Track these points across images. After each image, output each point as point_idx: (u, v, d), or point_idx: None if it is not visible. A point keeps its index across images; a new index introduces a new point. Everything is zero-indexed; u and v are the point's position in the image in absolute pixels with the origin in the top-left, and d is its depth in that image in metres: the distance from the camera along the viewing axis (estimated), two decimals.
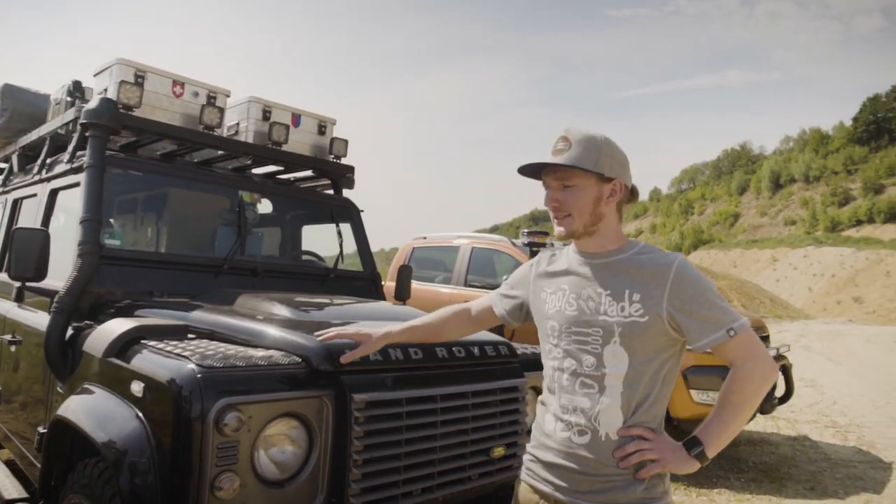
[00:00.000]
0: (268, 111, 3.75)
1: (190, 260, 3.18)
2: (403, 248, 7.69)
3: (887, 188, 72.04)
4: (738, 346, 1.46)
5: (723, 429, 1.47)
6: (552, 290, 1.63)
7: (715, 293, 1.47)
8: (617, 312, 1.48)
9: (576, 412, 1.52)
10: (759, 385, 1.46)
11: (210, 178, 3.53)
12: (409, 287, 4.20)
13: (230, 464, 1.72)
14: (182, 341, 2.10)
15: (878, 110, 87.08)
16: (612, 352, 1.49)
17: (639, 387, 1.48)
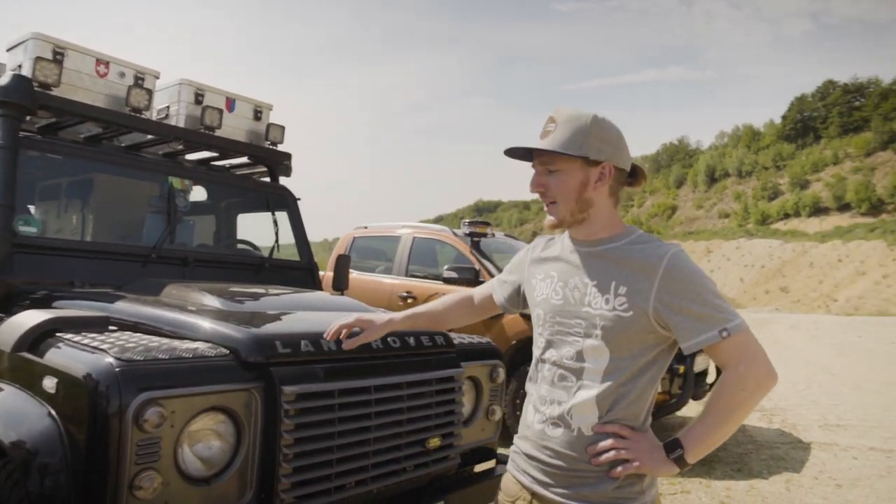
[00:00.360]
0: (200, 94, 3.62)
1: (114, 248, 3.03)
2: (344, 237, 7.58)
3: (812, 184, 75.78)
4: (731, 349, 1.33)
5: (707, 434, 1.35)
6: (542, 277, 1.56)
7: (709, 289, 1.35)
8: (601, 305, 1.40)
9: (552, 404, 1.46)
10: (752, 392, 1.33)
11: (138, 164, 3.37)
12: (346, 277, 4.14)
13: (151, 461, 1.65)
14: (102, 334, 1.99)
15: (804, 109, 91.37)
16: (592, 346, 1.41)
17: (618, 383, 1.39)
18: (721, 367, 1.37)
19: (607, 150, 1.42)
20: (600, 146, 1.42)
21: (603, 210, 1.47)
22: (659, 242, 1.43)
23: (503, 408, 3.04)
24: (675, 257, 1.37)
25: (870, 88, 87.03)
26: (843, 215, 66.24)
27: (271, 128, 3.88)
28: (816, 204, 70.75)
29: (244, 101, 3.87)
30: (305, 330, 2.16)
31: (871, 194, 65.33)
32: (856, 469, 4.94)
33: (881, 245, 49.56)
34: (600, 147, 1.42)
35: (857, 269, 48.25)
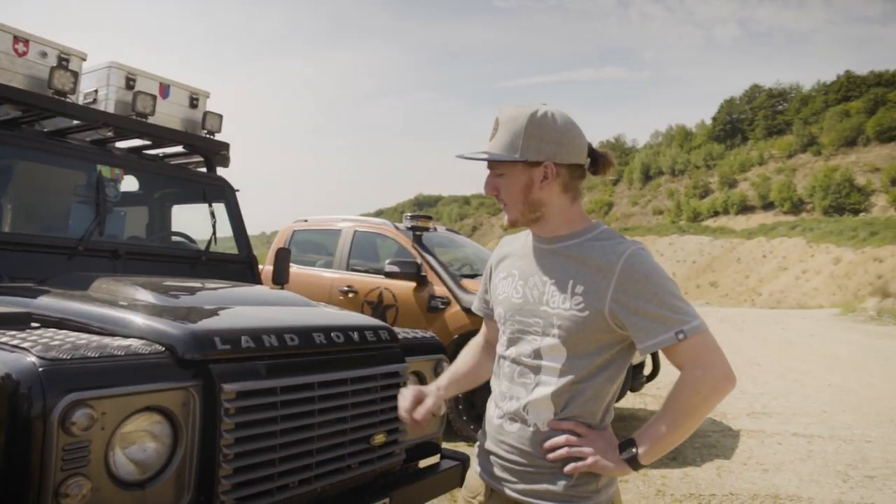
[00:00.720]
0: (132, 79, 3.45)
1: (37, 240, 2.84)
2: (283, 231, 7.41)
3: (740, 183, 79.28)
4: (687, 351, 1.30)
5: (661, 436, 1.33)
6: (504, 275, 1.54)
7: (667, 289, 1.32)
8: (558, 304, 1.38)
9: (511, 400, 1.46)
10: (706, 396, 1.30)
11: (64, 151, 3.17)
12: (287, 271, 4.04)
13: (79, 467, 1.54)
14: (23, 331, 1.86)
15: (733, 111, 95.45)
16: (549, 344, 1.40)
17: (573, 381, 1.38)
18: (678, 368, 1.35)
19: (547, 149, 1.38)
20: (539, 146, 1.38)
21: (557, 208, 1.44)
22: (620, 240, 1.41)
23: (447, 403, 3.03)
24: (633, 256, 1.34)
25: (792, 94, 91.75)
26: (768, 213, 69.61)
27: (208, 116, 3.73)
28: (743, 202, 74.07)
29: (179, 87, 3.71)
30: (246, 325, 2.08)
31: (792, 194, 68.90)
32: (780, 454, 5.19)
33: (801, 242, 52.30)
34: (539, 147, 1.38)
35: (779, 265, 50.76)
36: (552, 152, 1.38)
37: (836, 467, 4.88)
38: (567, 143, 1.40)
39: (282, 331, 2.12)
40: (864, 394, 7.70)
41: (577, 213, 1.47)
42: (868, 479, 4.63)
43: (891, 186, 62.06)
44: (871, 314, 17.83)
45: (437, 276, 5.68)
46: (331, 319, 2.46)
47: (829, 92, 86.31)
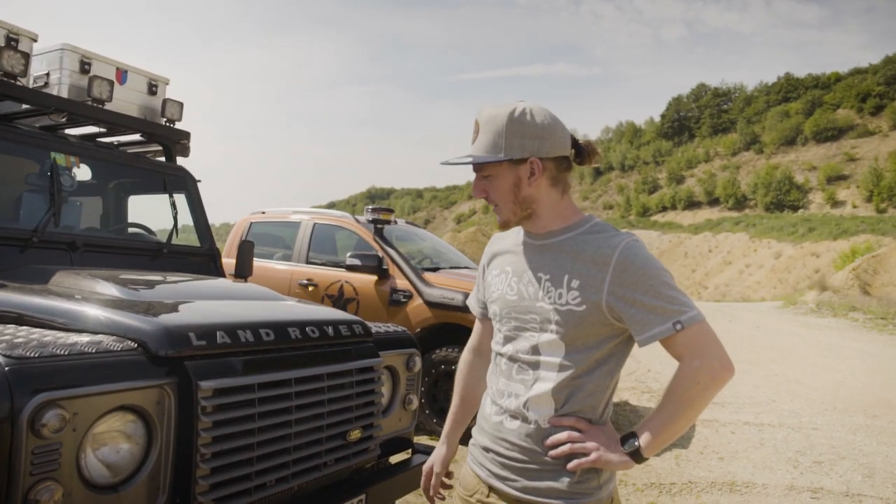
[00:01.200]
0: (87, 63, 3.28)
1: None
2: (240, 222, 7.23)
3: (687, 179, 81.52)
4: (685, 342, 1.30)
5: (662, 428, 1.33)
6: (497, 273, 1.53)
7: (663, 280, 1.31)
8: (555, 299, 1.37)
9: (510, 397, 1.44)
10: (706, 386, 1.30)
11: (13, 136, 3.00)
12: (250, 264, 3.93)
13: (50, 471, 1.46)
14: None
15: (681, 109, 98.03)
16: (547, 340, 1.38)
17: (573, 376, 1.37)
18: (676, 359, 1.34)
19: (530, 145, 1.37)
20: (522, 143, 1.37)
21: (547, 202, 1.43)
22: (614, 232, 1.40)
23: (419, 397, 3.01)
24: (628, 248, 1.34)
25: (735, 94, 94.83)
26: (713, 209, 71.86)
27: (168, 103, 3.59)
28: (690, 198, 76.27)
29: (137, 73, 3.56)
30: (220, 320, 2.01)
31: (736, 190, 71.31)
32: (734, 443, 5.36)
33: (744, 237, 54.22)
34: (522, 143, 1.37)
35: (724, 259, 52.49)
36: (535, 147, 1.38)
37: (786, 454, 5.07)
38: (549, 136, 1.39)
39: (256, 325, 2.06)
40: (808, 383, 8.03)
41: (568, 206, 1.46)
42: (816, 464, 4.83)
43: (827, 185, 64.88)
44: (812, 307, 18.61)
45: (398, 270, 5.64)
46: (305, 314, 2.41)
47: (770, 93, 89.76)
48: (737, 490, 4.25)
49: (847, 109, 75.48)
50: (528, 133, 1.37)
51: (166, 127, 3.60)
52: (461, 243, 29.19)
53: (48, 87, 3.22)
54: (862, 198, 59.22)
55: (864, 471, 4.70)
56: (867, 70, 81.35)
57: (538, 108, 1.40)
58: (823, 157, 69.98)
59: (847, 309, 16.98)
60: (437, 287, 5.34)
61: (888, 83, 73.44)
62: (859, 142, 69.74)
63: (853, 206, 59.16)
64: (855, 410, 6.63)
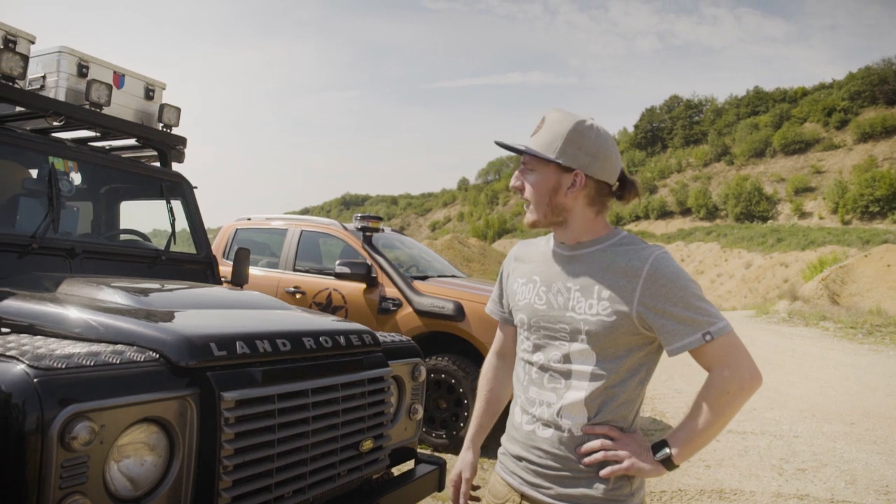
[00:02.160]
0: (84, 66, 3.24)
1: None
2: (225, 229, 7.15)
3: (660, 188, 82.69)
4: (714, 352, 1.34)
5: (693, 436, 1.36)
6: (524, 281, 1.55)
7: (693, 292, 1.35)
8: (585, 310, 1.40)
9: (542, 406, 1.46)
10: (735, 395, 1.33)
11: (10, 140, 2.93)
12: (247, 272, 3.90)
13: (78, 484, 1.44)
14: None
15: (654, 120, 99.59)
16: (578, 349, 1.41)
17: (606, 385, 1.40)
18: (705, 369, 1.38)
19: (582, 159, 1.41)
20: (576, 153, 1.40)
21: (580, 217, 1.46)
22: (643, 245, 1.43)
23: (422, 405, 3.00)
24: (658, 260, 1.37)
25: (706, 106, 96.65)
26: (685, 219, 72.95)
27: (165, 109, 3.55)
28: (663, 207, 77.33)
29: (134, 77, 3.52)
30: (238, 330, 1.99)
31: (707, 201, 72.47)
32: (720, 451, 5.43)
33: (716, 247, 55.13)
34: (576, 154, 1.40)
35: (696, 269, 53.22)
36: (586, 163, 1.41)
37: (770, 461, 5.15)
38: (602, 158, 1.42)
39: (273, 335, 2.04)
40: (785, 391, 8.18)
41: (601, 223, 1.49)
42: (800, 471, 4.92)
43: (794, 196, 66.35)
44: (783, 316, 18.98)
45: (387, 278, 5.63)
46: (317, 324, 2.39)
47: (740, 105, 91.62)
48: (726, 497, 4.31)
49: (813, 123, 77.39)
50: (585, 147, 1.41)
51: (163, 132, 3.56)
52: (437, 251, 29.21)
53: (45, 90, 3.17)
54: (828, 209, 60.67)
55: (847, 477, 4.80)
56: (832, 85, 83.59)
57: (603, 131, 1.44)
58: (791, 170, 71.58)
59: (818, 318, 17.35)
60: (427, 296, 5.33)
61: (852, 98, 75.49)
62: (825, 155, 71.54)
63: (820, 218, 60.57)
64: (833, 418, 6.78)
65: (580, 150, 1.40)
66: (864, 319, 16.18)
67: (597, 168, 1.42)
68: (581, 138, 1.41)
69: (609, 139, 1.44)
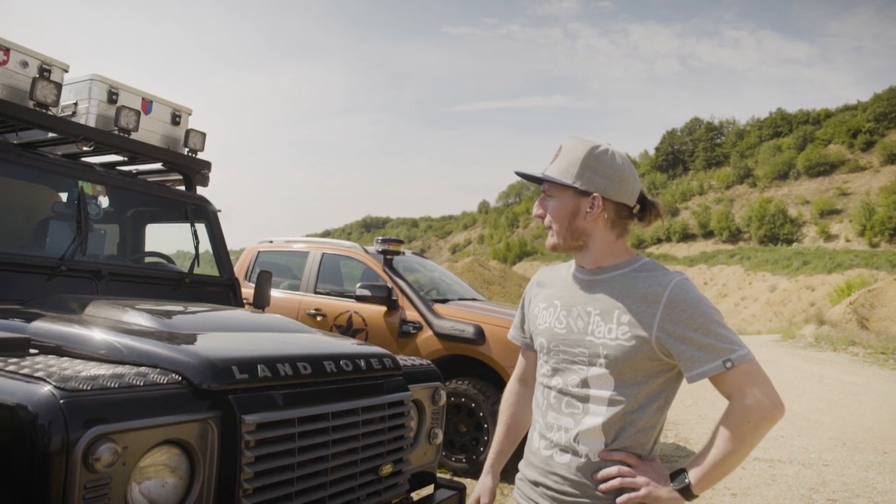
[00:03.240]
0: (114, 93, 3.32)
1: (16, 259, 2.67)
2: (248, 251, 7.23)
3: (681, 211, 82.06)
4: (735, 380, 1.32)
5: (712, 465, 1.33)
6: (545, 305, 1.55)
7: (713, 318, 1.34)
8: (604, 334, 1.40)
9: (559, 431, 1.46)
10: (756, 424, 1.31)
11: (43, 165, 3.01)
12: (268, 294, 3.93)
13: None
14: (24, 358, 1.74)
15: (675, 143, 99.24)
16: (597, 374, 1.41)
17: (624, 411, 1.39)
18: (726, 397, 1.37)
19: (599, 182, 1.42)
20: (592, 177, 1.42)
21: (601, 241, 1.47)
22: (664, 271, 1.43)
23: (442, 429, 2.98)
24: (679, 286, 1.37)
25: (728, 128, 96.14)
26: (708, 242, 72.21)
27: (191, 134, 3.63)
28: (685, 230, 76.68)
29: (162, 103, 3.60)
30: (259, 353, 2.01)
31: (730, 223, 71.75)
32: (746, 479, 5.30)
33: (739, 270, 54.38)
34: (592, 178, 1.42)
35: (719, 292, 52.53)
36: (603, 186, 1.43)
37: (799, 491, 5.02)
38: (619, 181, 1.44)
39: (294, 359, 2.05)
40: (814, 418, 7.98)
41: (622, 247, 1.50)
42: (831, 502, 4.78)
43: (820, 218, 65.42)
44: (810, 340, 18.60)
45: (408, 301, 5.62)
46: (337, 347, 2.40)
47: (762, 127, 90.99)
48: None
49: (838, 145, 76.55)
50: (601, 171, 1.43)
51: (189, 157, 3.62)
52: (458, 273, 29.19)
53: (76, 116, 3.25)
54: (855, 232, 59.70)
55: None
56: (856, 107, 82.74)
57: (619, 155, 1.46)
58: (816, 192, 70.72)
59: (846, 343, 16.97)
60: (447, 319, 5.32)
61: (877, 120, 74.61)
62: (851, 176, 70.60)
63: (846, 240, 59.59)
64: (864, 447, 6.59)
65: (596, 174, 1.42)
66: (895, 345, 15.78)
67: (614, 191, 1.43)
68: (596, 162, 1.43)
69: (626, 162, 1.46)
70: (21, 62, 2.97)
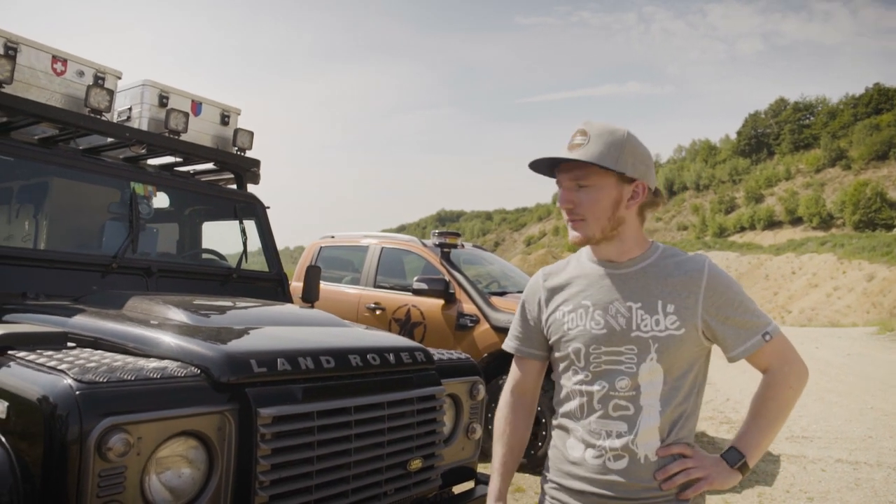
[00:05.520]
0: (165, 97, 3.45)
1: (71, 258, 2.83)
2: (310, 247, 7.41)
3: (766, 198, 78.08)
4: (774, 351, 1.39)
5: (762, 437, 1.39)
6: (571, 308, 1.46)
7: (745, 296, 1.39)
8: (652, 326, 1.36)
9: (610, 437, 1.38)
10: (796, 389, 1.40)
11: (98, 168, 3.17)
12: (317, 288, 3.99)
13: (115, 493, 1.50)
14: (59, 352, 1.83)
15: (758, 126, 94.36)
16: (648, 369, 1.36)
17: (677, 403, 1.38)
18: (763, 370, 1.42)
19: (641, 168, 1.39)
20: (635, 163, 1.38)
21: (632, 229, 1.44)
22: (688, 254, 1.45)
23: (483, 425, 2.94)
24: (713, 269, 1.40)
25: (818, 107, 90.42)
26: (796, 229, 68.37)
27: (239, 133, 3.73)
28: (770, 217, 72.92)
29: (211, 104, 3.72)
30: (281, 347, 2.03)
31: (821, 209, 67.59)
32: (825, 482, 4.97)
33: (831, 258, 51.21)
34: (635, 164, 1.38)
35: (809, 282, 49.75)
36: (644, 172, 1.40)
37: (887, 497, 4.65)
38: (652, 168, 1.44)
39: (317, 353, 2.06)
40: None
41: (643, 235, 1.49)
42: None
43: None
44: None
45: (465, 294, 5.60)
46: (366, 340, 2.41)
47: (858, 105, 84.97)
48: None
49: None
50: (640, 157, 1.40)
51: (237, 156, 3.73)
52: (531, 266, 28.92)
53: (130, 121, 3.40)
54: None
55: None
56: None
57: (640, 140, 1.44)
58: None
59: None
60: (504, 311, 5.26)
61: None
62: None
63: None
64: None
65: (637, 160, 1.38)
66: None
67: (651, 178, 1.43)
68: (636, 148, 1.39)
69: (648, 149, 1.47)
70: (77, 72, 3.13)
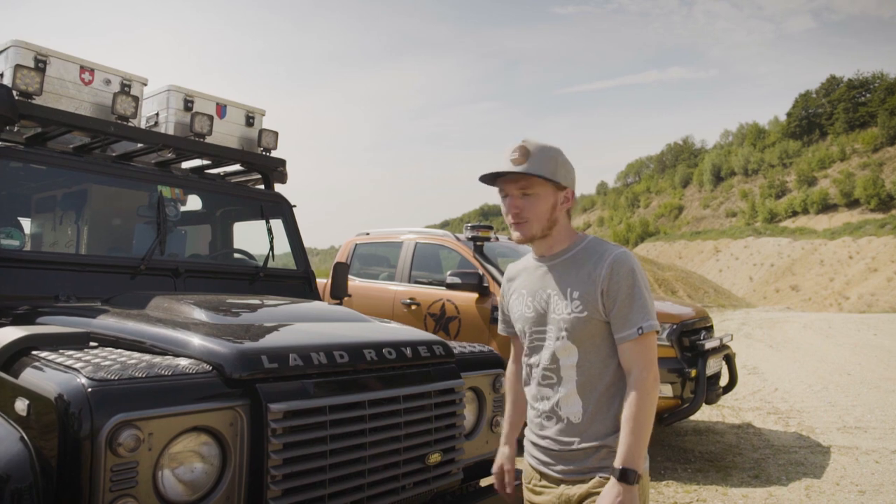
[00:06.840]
0: (189, 101, 3.53)
1: (100, 261, 2.92)
2: (345, 244, 7.48)
3: (819, 180, 75.30)
4: (642, 348, 1.60)
5: (641, 446, 1.57)
6: (516, 296, 1.84)
7: (641, 289, 1.61)
8: (562, 310, 1.67)
9: (542, 401, 1.76)
10: (655, 395, 1.60)
11: (128, 173, 3.26)
12: (345, 285, 4.02)
13: (128, 488, 1.54)
14: (80, 351, 1.89)
15: (809, 106, 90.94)
16: (562, 346, 1.68)
17: (592, 372, 1.66)
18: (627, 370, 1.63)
19: (569, 178, 1.72)
20: (566, 174, 1.71)
21: (562, 227, 1.75)
22: (608, 246, 1.70)
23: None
24: (619, 258, 1.64)
25: (875, 84, 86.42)
26: (853, 212, 65.70)
27: (264, 133, 3.78)
28: (825, 201, 70.30)
29: (235, 106, 3.78)
30: (294, 343, 2.05)
31: (879, 190, 64.75)
32: (879, 474, 4.77)
33: (892, 241, 49.06)
34: (566, 175, 1.71)
35: (868, 266, 47.80)
36: (571, 181, 1.74)
37: None
38: (575, 177, 1.76)
39: (331, 348, 2.07)
40: None
41: (571, 229, 1.78)
42: None
43: None
44: None
45: (499, 287, 5.56)
46: (383, 335, 2.40)
47: None
48: None
49: None
50: (569, 169, 1.73)
51: (263, 156, 3.78)
52: None
53: (158, 126, 3.49)
54: None
55: None
56: None
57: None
58: None
59: None
60: None
61: None
62: None
63: None
64: None
65: (567, 172, 1.71)
66: None
67: (574, 184, 1.75)
68: (566, 161, 1.71)
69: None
70: (104, 80, 3.22)
